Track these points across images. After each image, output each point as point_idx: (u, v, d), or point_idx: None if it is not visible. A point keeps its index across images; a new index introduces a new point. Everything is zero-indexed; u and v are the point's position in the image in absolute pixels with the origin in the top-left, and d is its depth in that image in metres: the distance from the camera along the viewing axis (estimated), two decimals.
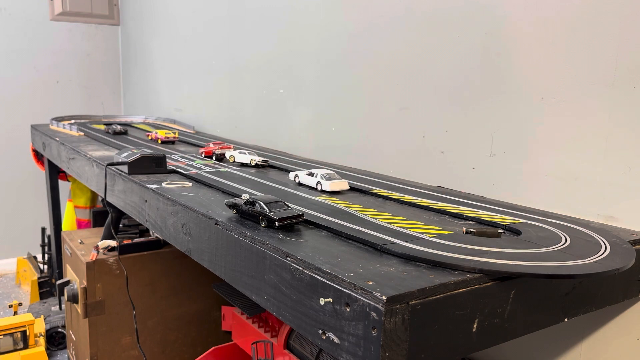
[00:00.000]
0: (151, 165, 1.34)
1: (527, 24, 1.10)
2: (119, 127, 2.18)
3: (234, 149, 1.60)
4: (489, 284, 0.66)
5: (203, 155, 1.64)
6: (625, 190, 0.96)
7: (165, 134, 1.99)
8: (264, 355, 1.34)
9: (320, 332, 0.66)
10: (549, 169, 1.08)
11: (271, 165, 1.51)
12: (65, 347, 2.22)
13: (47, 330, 2.20)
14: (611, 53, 0.96)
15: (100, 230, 1.95)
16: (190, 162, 1.51)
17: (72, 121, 2.61)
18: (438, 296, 0.62)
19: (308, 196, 1.11)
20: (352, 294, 0.61)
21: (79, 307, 1.72)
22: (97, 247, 1.70)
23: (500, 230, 0.86)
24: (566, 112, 1.04)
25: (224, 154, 1.58)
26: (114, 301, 1.72)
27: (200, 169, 1.40)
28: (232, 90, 2.25)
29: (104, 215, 2.28)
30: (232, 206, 0.93)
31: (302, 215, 0.88)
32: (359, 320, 0.60)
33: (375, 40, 1.48)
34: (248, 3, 2.09)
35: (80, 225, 2.69)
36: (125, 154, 1.48)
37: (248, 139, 2.12)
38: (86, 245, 1.82)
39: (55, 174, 2.63)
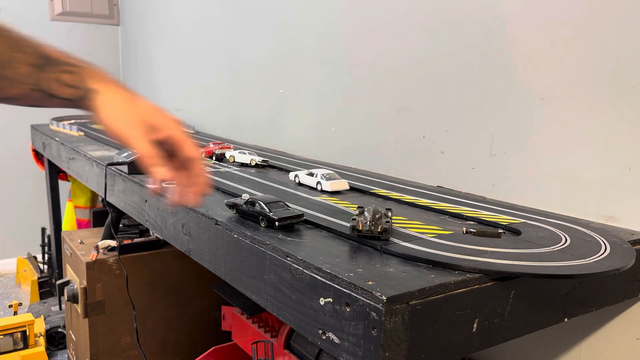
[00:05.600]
0: None
1: (527, 24, 1.10)
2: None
3: (234, 149, 1.60)
4: (489, 284, 0.66)
5: (203, 155, 1.64)
6: (625, 190, 0.96)
7: None
8: (264, 355, 1.34)
9: (320, 332, 0.66)
10: (549, 169, 1.08)
11: (271, 165, 1.51)
12: (65, 347, 2.22)
13: (47, 330, 2.20)
14: (611, 53, 0.96)
15: (100, 230, 1.95)
16: None
17: (72, 121, 2.61)
18: (438, 296, 0.62)
19: (308, 196, 1.11)
20: (352, 294, 0.61)
21: (79, 307, 1.72)
22: (97, 247, 1.70)
23: (500, 230, 0.86)
24: (566, 112, 1.04)
25: (224, 154, 1.58)
26: (114, 301, 1.72)
27: None
28: (232, 90, 2.25)
29: (104, 215, 2.28)
30: (232, 206, 0.93)
31: (302, 215, 0.88)
32: (359, 320, 0.60)
33: (375, 40, 1.48)
34: (248, 3, 2.09)
35: (80, 225, 2.69)
36: (125, 154, 1.48)
37: (248, 139, 2.12)
38: (86, 245, 1.82)
39: (55, 174, 2.63)
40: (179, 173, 0.62)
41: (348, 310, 0.61)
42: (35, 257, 3.03)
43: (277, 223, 0.84)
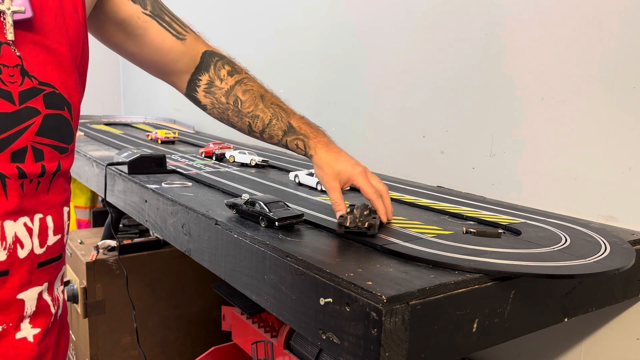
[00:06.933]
0: (151, 165, 1.33)
1: (527, 24, 1.10)
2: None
3: (234, 149, 1.60)
4: (489, 284, 0.66)
5: (203, 155, 1.64)
6: (625, 190, 0.96)
7: (165, 134, 1.99)
8: (264, 355, 1.34)
9: (320, 332, 0.66)
10: (549, 169, 1.08)
11: (271, 165, 1.51)
12: None
13: None
14: (611, 53, 0.96)
15: (100, 230, 1.95)
16: (190, 162, 1.51)
17: None
18: (438, 296, 0.62)
19: (308, 196, 1.11)
20: (352, 294, 0.61)
21: (79, 307, 1.72)
22: (97, 247, 1.70)
23: (500, 230, 0.86)
24: (566, 112, 1.04)
25: (224, 154, 1.58)
26: (114, 301, 1.72)
27: (200, 169, 1.40)
28: None
29: (104, 215, 2.28)
30: (232, 206, 0.93)
31: (302, 215, 0.88)
32: (359, 320, 0.60)
33: (376, 40, 1.48)
34: (248, 3, 2.09)
35: (80, 225, 2.69)
36: (125, 154, 1.48)
37: (248, 139, 2.12)
38: (86, 245, 1.82)
39: None
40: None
41: (348, 310, 0.61)
42: None
43: (277, 223, 0.84)
